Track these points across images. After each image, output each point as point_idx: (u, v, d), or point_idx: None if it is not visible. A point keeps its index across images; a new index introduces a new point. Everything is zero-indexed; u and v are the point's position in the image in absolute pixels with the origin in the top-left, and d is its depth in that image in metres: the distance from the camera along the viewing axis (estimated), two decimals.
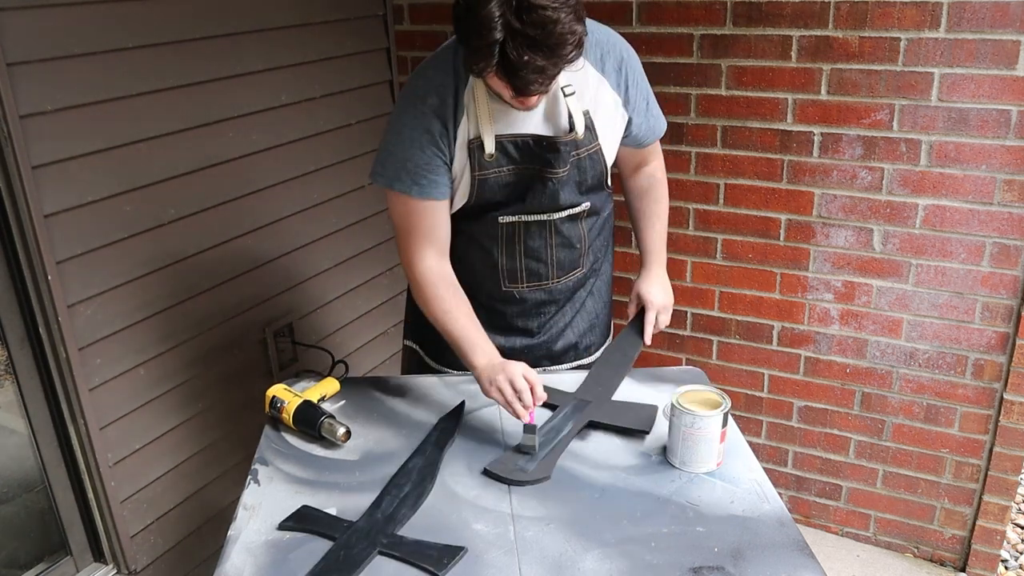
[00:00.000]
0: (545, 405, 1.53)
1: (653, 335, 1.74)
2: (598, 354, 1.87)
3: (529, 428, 1.45)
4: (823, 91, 2.21)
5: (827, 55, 2.17)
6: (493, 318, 1.73)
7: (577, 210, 1.65)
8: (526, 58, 1.25)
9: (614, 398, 1.61)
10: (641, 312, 1.75)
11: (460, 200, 1.59)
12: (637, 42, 2.35)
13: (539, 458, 1.43)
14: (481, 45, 1.26)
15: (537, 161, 1.55)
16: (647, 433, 1.51)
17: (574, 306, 1.79)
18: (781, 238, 2.39)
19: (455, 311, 1.56)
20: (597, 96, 1.58)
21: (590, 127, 1.57)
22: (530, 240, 1.65)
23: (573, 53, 1.29)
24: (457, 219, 1.62)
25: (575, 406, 1.57)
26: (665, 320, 1.77)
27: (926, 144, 2.14)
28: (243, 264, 2.25)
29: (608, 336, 1.91)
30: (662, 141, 2.41)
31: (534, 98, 1.41)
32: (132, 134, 1.89)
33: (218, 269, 2.18)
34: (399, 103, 1.55)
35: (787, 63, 2.22)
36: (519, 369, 1.46)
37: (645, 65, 2.38)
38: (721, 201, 2.43)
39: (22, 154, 1.65)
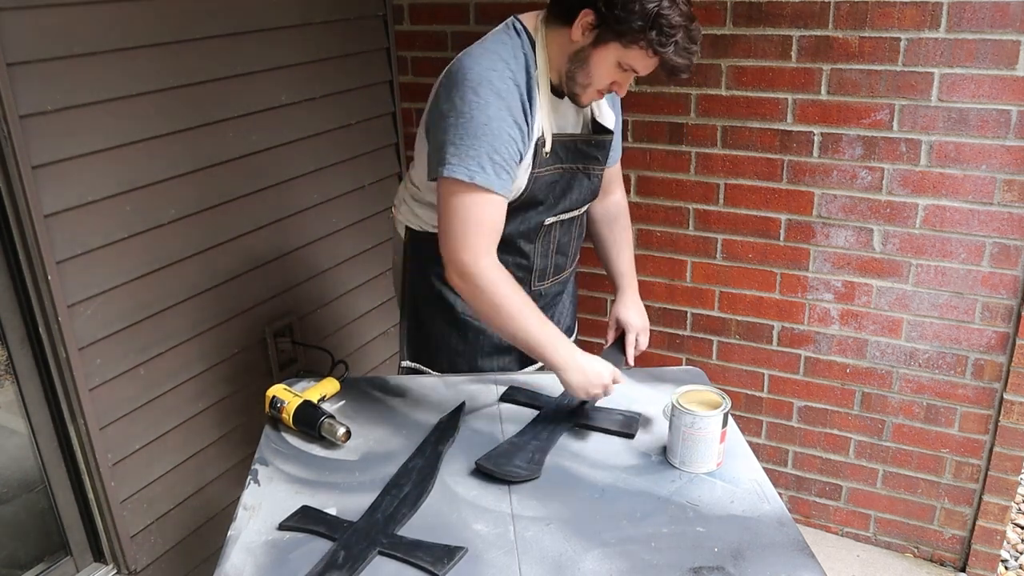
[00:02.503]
0: (530, 405, 1.58)
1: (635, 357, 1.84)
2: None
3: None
4: (823, 91, 2.21)
5: (827, 55, 2.17)
6: None
7: (594, 199, 1.77)
8: (691, 47, 1.44)
9: (599, 404, 1.59)
10: (621, 336, 1.83)
11: (512, 197, 1.57)
12: None
13: (529, 458, 1.42)
14: (672, 28, 1.40)
15: (581, 159, 1.64)
16: (631, 436, 1.50)
17: (567, 291, 1.90)
18: (781, 238, 2.39)
19: (527, 308, 1.49)
20: (603, 107, 1.69)
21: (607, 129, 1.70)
22: (563, 236, 1.73)
23: (696, 54, 1.47)
24: None
25: (561, 408, 1.57)
26: (644, 341, 1.83)
27: (926, 144, 2.15)
28: (243, 264, 2.25)
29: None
30: (662, 141, 2.44)
31: (619, 93, 1.56)
32: (132, 134, 1.89)
33: (218, 269, 2.18)
34: (478, 90, 1.44)
35: (787, 63, 2.22)
36: (607, 372, 1.51)
37: None
38: (721, 201, 2.43)
39: (22, 154, 1.65)
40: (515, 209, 1.59)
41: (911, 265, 2.26)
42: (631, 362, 1.81)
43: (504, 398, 1.62)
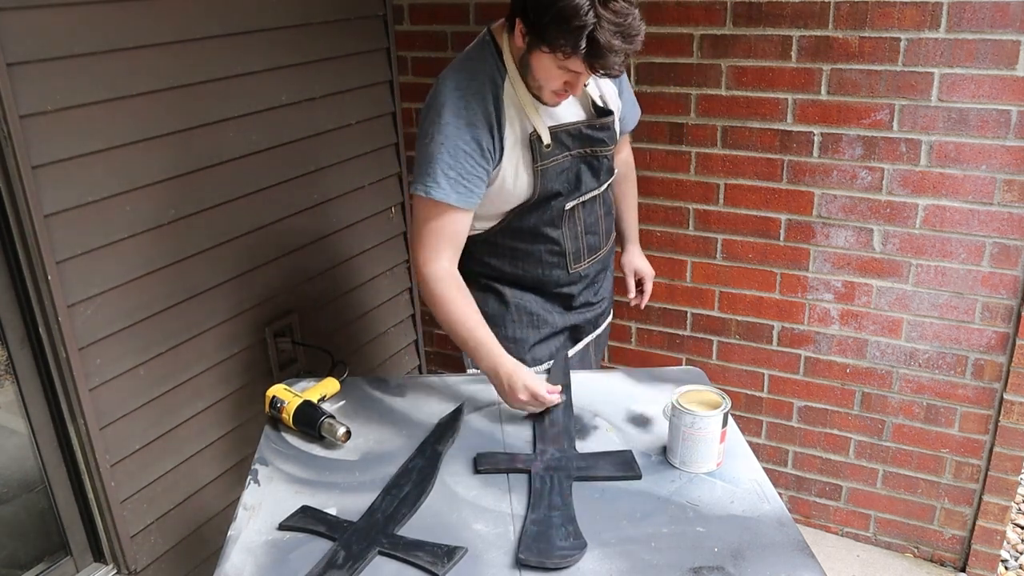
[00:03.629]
0: (518, 471, 1.42)
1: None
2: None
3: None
4: (823, 91, 2.21)
5: (827, 55, 2.17)
6: (562, 301, 1.84)
7: (613, 176, 1.83)
8: (615, 43, 1.39)
9: (586, 450, 1.49)
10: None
11: (523, 195, 1.66)
12: None
13: (564, 534, 1.25)
14: (573, 29, 1.38)
15: (589, 143, 1.69)
16: (639, 477, 1.40)
17: (610, 268, 1.96)
18: (781, 238, 2.39)
19: (464, 311, 1.61)
20: (601, 84, 1.74)
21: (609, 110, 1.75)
22: (588, 216, 1.78)
23: (640, 44, 1.44)
24: (521, 215, 1.70)
25: (552, 473, 1.40)
26: (650, 287, 2.11)
27: (926, 144, 2.14)
28: (243, 264, 2.25)
29: None
30: (662, 141, 2.44)
31: (573, 92, 1.56)
32: (132, 134, 1.89)
33: (218, 269, 2.18)
34: (440, 112, 1.56)
35: (787, 63, 2.22)
36: (533, 385, 1.52)
37: (645, 65, 2.41)
38: (721, 201, 2.43)
39: (22, 154, 1.65)
40: (536, 203, 1.67)
41: (911, 265, 2.26)
42: (643, 305, 2.10)
43: (479, 469, 1.43)
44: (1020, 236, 2.12)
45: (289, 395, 1.57)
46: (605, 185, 1.80)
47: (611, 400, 1.64)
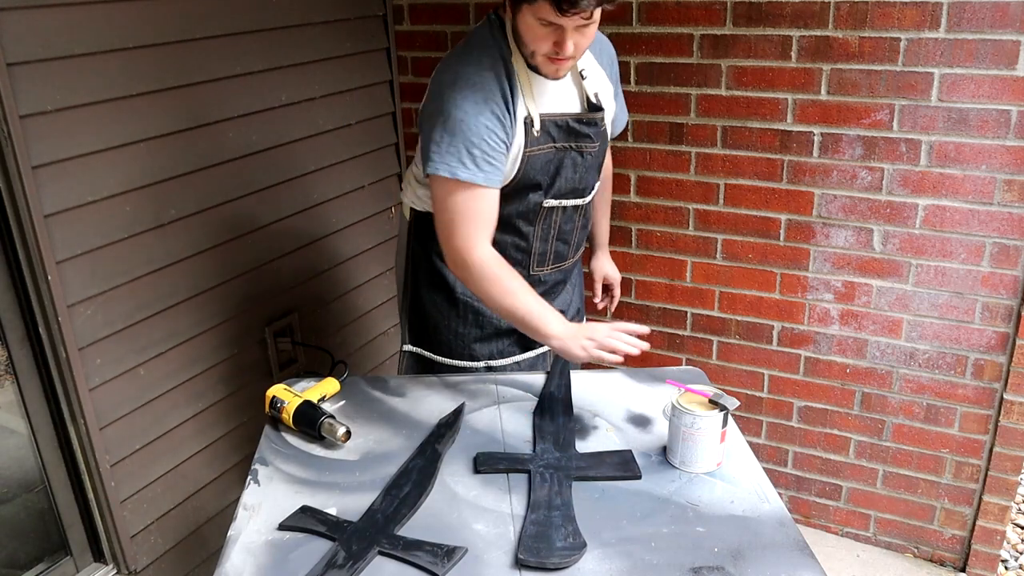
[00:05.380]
0: (516, 471, 1.42)
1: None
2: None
3: None
4: (823, 91, 2.21)
5: (827, 55, 2.17)
6: None
7: (598, 183, 1.78)
8: None
9: (587, 449, 1.48)
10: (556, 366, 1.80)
11: (506, 180, 1.61)
12: (637, 42, 2.37)
13: (564, 534, 1.24)
14: None
15: (574, 138, 1.65)
16: (638, 477, 1.40)
17: (571, 280, 1.92)
18: (781, 238, 2.39)
19: (519, 290, 1.58)
20: (599, 82, 1.70)
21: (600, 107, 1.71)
22: (565, 224, 1.74)
23: None
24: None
25: (551, 471, 1.40)
26: (619, 293, 2.11)
27: (926, 144, 2.15)
28: (243, 264, 2.25)
29: None
30: (663, 141, 2.44)
31: (567, 62, 1.50)
32: (132, 134, 1.89)
33: (218, 269, 2.18)
34: (454, 86, 1.52)
35: (787, 63, 2.22)
36: (602, 329, 1.52)
37: (645, 65, 2.42)
38: (721, 201, 2.43)
39: (22, 154, 1.65)
40: (513, 191, 1.63)
41: (911, 265, 2.26)
42: (612, 310, 2.11)
43: (479, 469, 1.42)
44: (1020, 236, 2.12)
45: (289, 395, 1.57)
46: (591, 195, 1.75)
47: (611, 400, 1.64)
